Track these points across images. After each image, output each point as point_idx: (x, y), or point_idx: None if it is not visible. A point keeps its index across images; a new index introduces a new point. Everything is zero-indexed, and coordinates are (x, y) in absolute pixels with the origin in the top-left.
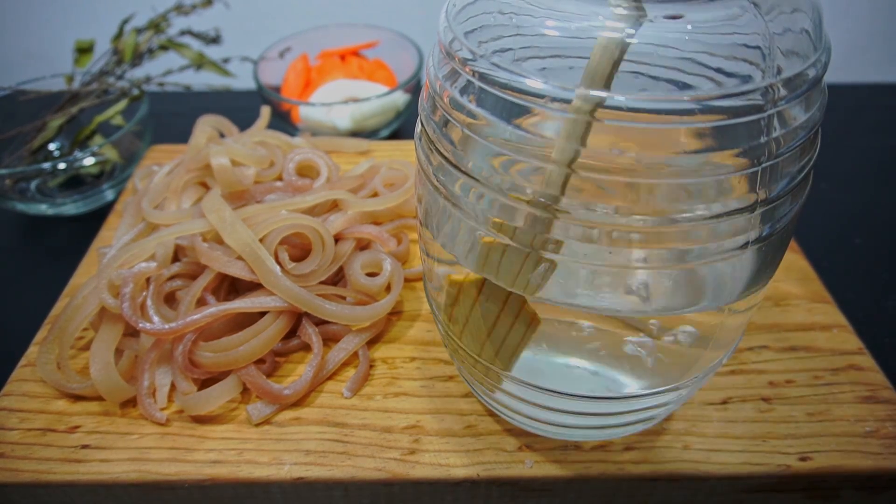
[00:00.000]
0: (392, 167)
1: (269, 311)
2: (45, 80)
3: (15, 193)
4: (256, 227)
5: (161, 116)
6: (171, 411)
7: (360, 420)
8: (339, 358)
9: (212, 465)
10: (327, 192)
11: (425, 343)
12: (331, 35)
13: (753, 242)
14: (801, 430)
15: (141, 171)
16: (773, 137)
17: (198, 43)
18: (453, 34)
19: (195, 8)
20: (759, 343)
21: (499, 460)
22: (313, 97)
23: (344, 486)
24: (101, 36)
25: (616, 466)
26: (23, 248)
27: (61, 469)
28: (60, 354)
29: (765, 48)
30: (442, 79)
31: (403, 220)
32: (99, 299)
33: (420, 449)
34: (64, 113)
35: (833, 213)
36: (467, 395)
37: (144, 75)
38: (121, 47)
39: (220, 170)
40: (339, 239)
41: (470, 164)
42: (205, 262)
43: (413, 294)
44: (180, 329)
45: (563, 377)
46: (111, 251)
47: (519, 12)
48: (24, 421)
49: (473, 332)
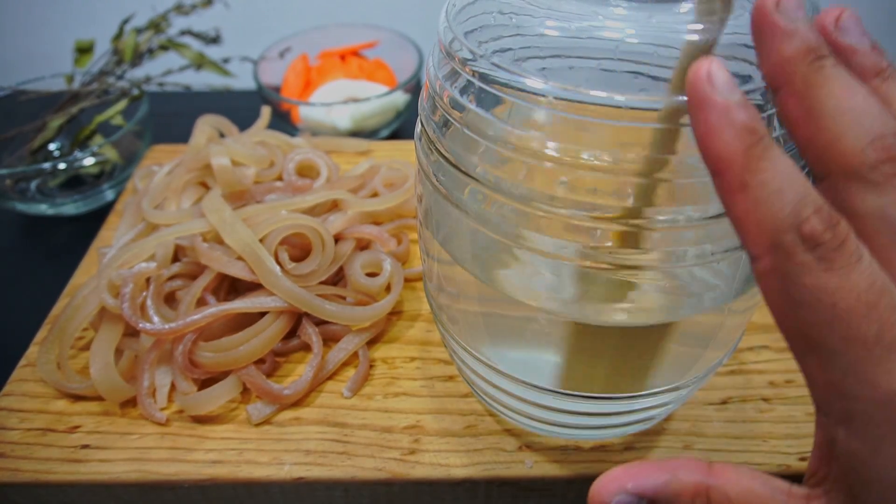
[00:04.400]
0: (392, 167)
1: (269, 312)
2: (45, 80)
3: (15, 193)
4: (256, 227)
5: (161, 116)
6: (171, 411)
7: (360, 420)
8: (339, 358)
9: (212, 465)
10: (327, 192)
11: (425, 343)
12: (331, 35)
13: None
14: (801, 430)
15: (141, 171)
16: (773, 137)
17: (198, 43)
18: (453, 34)
19: (195, 8)
20: (759, 343)
21: (499, 460)
22: (313, 97)
23: (344, 486)
24: (101, 36)
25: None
26: (23, 248)
27: (61, 469)
28: (60, 354)
29: None
30: (442, 79)
31: (403, 220)
32: (99, 299)
33: (420, 449)
34: (64, 113)
35: None
36: (467, 395)
37: (144, 75)
38: (121, 47)
39: (220, 170)
40: (339, 239)
41: (470, 164)
42: (205, 263)
43: (413, 294)
44: (180, 329)
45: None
46: (111, 251)
47: (519, 12)
48: (25, 421)
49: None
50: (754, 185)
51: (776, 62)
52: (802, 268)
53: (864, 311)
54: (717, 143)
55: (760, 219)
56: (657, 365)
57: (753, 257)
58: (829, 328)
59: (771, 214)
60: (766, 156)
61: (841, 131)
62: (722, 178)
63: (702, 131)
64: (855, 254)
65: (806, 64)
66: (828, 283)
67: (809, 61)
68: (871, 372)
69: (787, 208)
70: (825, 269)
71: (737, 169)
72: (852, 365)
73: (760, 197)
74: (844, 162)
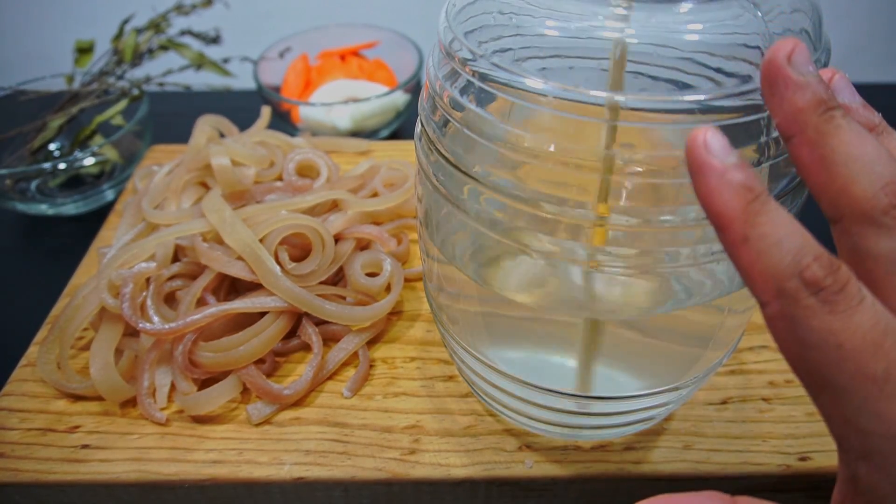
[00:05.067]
0: (392, 167)
1: (269, 312)
2: (45, 80)
3: (15, 193)
4: (256, 227)
5: (161, 116)
6: (171, 411)
7: (360, 420)
8: (339, 358)
9: (212, 465)
10: (327, 192)
11: (425, 343)
12: (331, 35)
13: None
14: (801, 430)
15: (141, 171)
16: (773, 137)
17: (198, 43)
18: (453, 34)
19: (195, 8)
20: (759, 343)
21: (499, 460)
22: (313, 97)
23: (344, 486)
24: (101, 36)
25: (616, 466)
26: (23, 248)
27: (61, 469)
28: (60, 354)
29: (765, 48)
30: (442, 79)
31: (403, 220)
32: (99, 299)
33: (420, 449)
34: (64, 113)
35: None
36: (467, 395)
37: (144, 75)
38: (121, 47)
39: (220, 170)
40: (339, 239)
41: (470, 164)
42: (205, 262)
43: (413, 294)
44: (180, 329)
45: (563, 377)
46: (111, 251)
47: (519, 12)
48: (24, 421)
49: None
50: (755, 238)
51: (789, 112)
52: (807, 311)
53: (870, 350)
54: (717, 203)
55: (763, 268)
56: (655, 363)
57: (762, 304)
58: (837, 367)
59: (773, 264)
60: (763, 210)
61: (853, 177)
62: (725, 233)
63: (703, 193)
64: (857, 296)
65: (817, 115)
66: (832, 325)
67: (821, 112)
68: (884, 408)
69: (788, 257)
70: (829, 311)
71: (738, 224)
72: (864, 402)
73: (762, 248)
74: (857, 206)
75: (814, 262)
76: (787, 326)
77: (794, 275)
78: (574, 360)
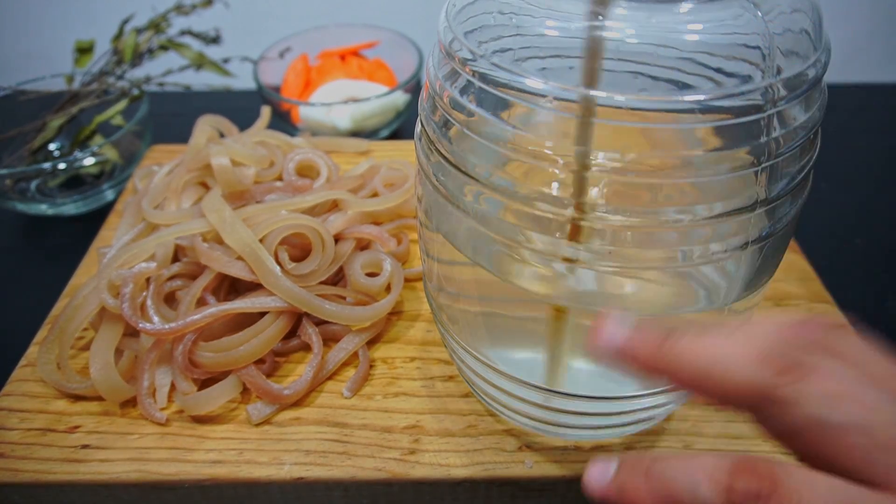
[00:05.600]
0: (392, 167)
1: (269, 312)
2: (45, 80)
3: (15, 193)
4: (256, 228)
5: (161, 116)
6: (171, 411)
7: (360, 420)
8: (339, 358)
9: (212, 465)
10: (327, 192)
11: (425, 343)
12: (331, 35)
13: (753, 242)
14: None
15: (141, 171)
16: (773, 137)
17: (198, 43)
18: (453, 34)
19: (195, 8)
20: None
21: (499, 460)
22: (313, 97)
23: (344, 486)
24: (101, 36)
25: None
26: (23, 248)
27: (61, 469)
28: (60, 354)
29: (765, 48)
30: (442, 79)
31: (403, 220)
32: (99, 299)
33: (420, 449)
34: (64, 113)
35: (833, 213)
36: (467, 395)
37: (144, 75)
38: (121, 47)
39: (220, 170)
40: (339, 239)
41: (469, 164)
42: (205, 263)
43: (413, 294)
44: (180, 329)
45: (563, 377)
46: (111, 251)
47: (519, 12)
48: (24, 421)
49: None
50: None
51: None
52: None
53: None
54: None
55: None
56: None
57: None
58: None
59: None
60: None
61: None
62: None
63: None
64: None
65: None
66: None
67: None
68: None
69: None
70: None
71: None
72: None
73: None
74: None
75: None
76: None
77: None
78: (574, 361)
